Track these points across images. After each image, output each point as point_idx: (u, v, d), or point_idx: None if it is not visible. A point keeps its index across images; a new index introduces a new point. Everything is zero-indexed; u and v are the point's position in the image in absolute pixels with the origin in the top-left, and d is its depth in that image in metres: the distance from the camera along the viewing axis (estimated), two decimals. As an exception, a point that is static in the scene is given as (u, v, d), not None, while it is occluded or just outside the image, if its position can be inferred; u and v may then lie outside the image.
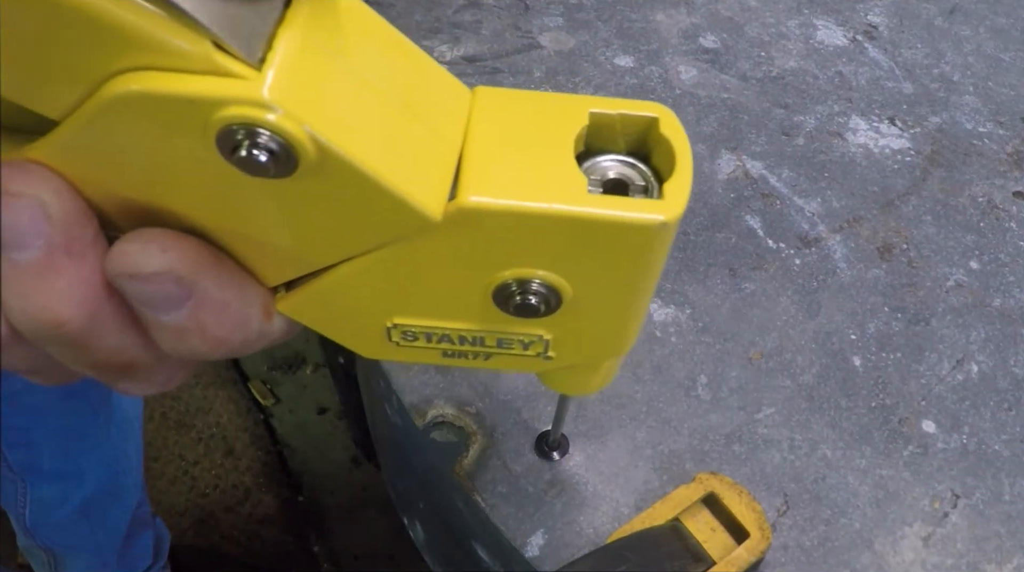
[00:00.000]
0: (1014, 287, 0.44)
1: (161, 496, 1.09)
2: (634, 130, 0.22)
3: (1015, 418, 0.39)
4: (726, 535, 0.32)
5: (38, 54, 0.17)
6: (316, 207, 0.20)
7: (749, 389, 0.39)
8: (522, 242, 0.21)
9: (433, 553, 0.54)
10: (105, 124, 0.18)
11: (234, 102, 0.17)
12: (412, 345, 0.24)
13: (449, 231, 0.20)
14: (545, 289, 0.22)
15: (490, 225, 0.20)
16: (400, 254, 0.21)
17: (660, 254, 0.22)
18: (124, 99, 0.17)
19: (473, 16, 0.57)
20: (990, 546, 0.35)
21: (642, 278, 0.22)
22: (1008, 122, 0.53)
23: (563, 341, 0.24)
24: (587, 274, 0.22)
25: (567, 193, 0.20)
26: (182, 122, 0.17)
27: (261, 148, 0.17)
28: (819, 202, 0.47)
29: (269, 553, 1.07)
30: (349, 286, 0.22)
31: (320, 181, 0.18)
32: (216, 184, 0.19)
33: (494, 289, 0.22)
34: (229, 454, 1.14)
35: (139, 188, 0.20)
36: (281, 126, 0.17)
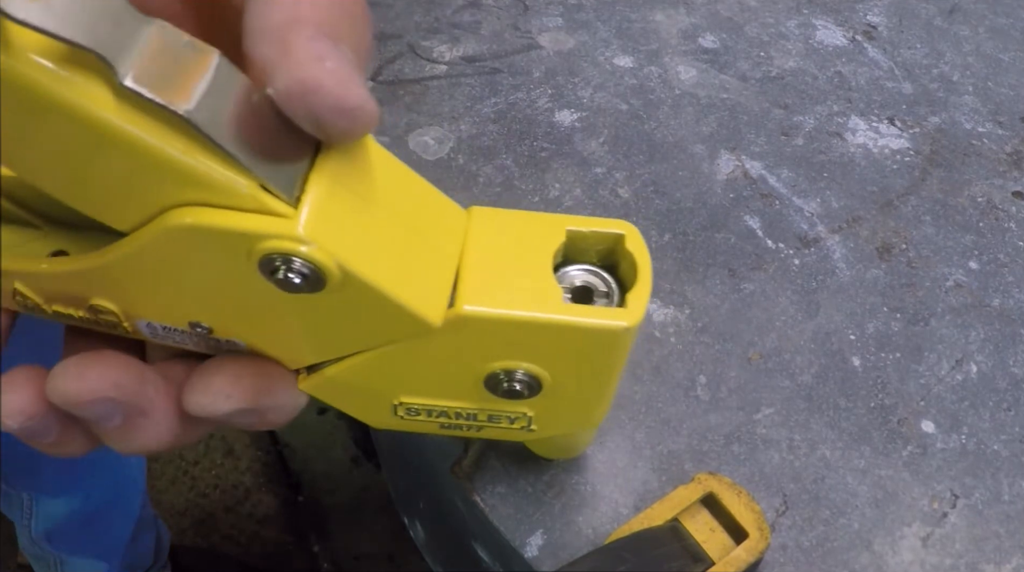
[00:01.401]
0: (1013, 287, 0.44)
1: (161, 496, 1.09)
2: (604, 244, 0.26)
3: (1014, 418, 0.39)
4: (725, 535, 0.32)
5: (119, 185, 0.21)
6: (337, 314, 0.23)
7: (748, 389, 0.39)
8: (508, 342, 0.25)
9: (433, 553, 0.54)
10: (161, 246, 0.22)
11: (275, 237, 0.20)
12: (415, 418, 0.28)
13: (447, 333, 0.24)
14: (528, 378, 0.26)
15: (482, 329, 0.24)
16: (406, 350, 0.25)
17: (623, 350, 0.26)
18: (181, 229, 0.21)
19: (472, 16, 0.57)
20: (989, 546, 0.35)
21: (608, 368, 0.27)
22: (1007, 122, 0.53)
23: (543, 417, 0.28)
24: (563, 366, 0.26)
25: (546, 303, 0.24)
26: (229, 249, 0.21)
27: (296, 272, 0.21)
28: (818, 202, 0.47)
29: (269, 553, 1.07)
30: (361, 372, 0.26)
31: (342, 296, 0.22)
32: (252, 297, 0.23)
33: (485, 377, 0.26)
34: (229, 454, 1.13)
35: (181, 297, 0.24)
36: (313, 256, 0.21)
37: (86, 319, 0.26)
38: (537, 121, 0.50)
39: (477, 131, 0.50)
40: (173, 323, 0.25)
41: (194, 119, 0.18)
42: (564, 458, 0.36)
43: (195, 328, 0.25)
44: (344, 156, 0.22)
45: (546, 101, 0.52)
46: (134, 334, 0.26)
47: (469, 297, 0.24)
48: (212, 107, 0.19)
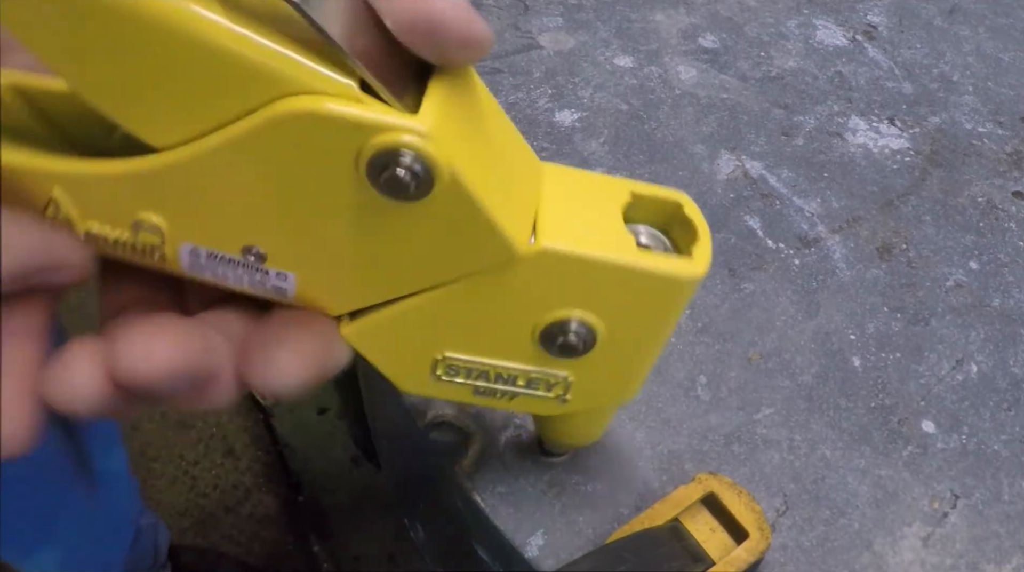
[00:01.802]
0: (1014, 287, 0.44)
1: (161, 496, 1.09)
2: (663, 209, 0.27)
3: (1014, 418, 0.39)
4: (725, 535, 0.32)
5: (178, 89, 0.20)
6: (427, 232, 0.23)
7: (748, 389, 0.39)
8: (578, 285, 0.25)
9: (433, 553, 0.54)
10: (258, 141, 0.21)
11: (397, 130, 0.20)
12: (451, 380, 0.28)
13: (524, 269, 0.24)
14: (584, 329, 0.26)
15: (559, 267, 0.24)
16: (476, 288, 0.25)
17: (682, 305, 0.26)
18: (294, 118, 0.20)
19: (473, 16, 0.57)
20: (989, 546, 0.35)
21: (663, 326, 0.27)
22: (1008, 122, 0.53)
23: (583, 384, 0.28)
24: (622, 317, 0.26)
25: (622, 248, 0.25)
26: (340, 144, 0.20)
27: (407, 170, 0.20)
28: (818, 202, 0.47)
29: (269, 553, 1.07)
30: (417, 316, 0.26)
31: (441, 207, 0.22)
32: (342, 206, 0.22)
33: (542, 329, 0.26)
34: (229, 454, 1.13)
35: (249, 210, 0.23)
36: (431, 154, 0.20)
37: (122, 243, 0.23)
38: (537, 121, 0.50)
39: (477, 131, 0.50)
40: (224, 248, 0.23)
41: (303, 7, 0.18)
42: (574, 446, 0.35)
43: (247, 254, 0.23)
44: (455, 77, 0.22)
45: (546, 101, 0.52)
46: (170, 264, 0.24)
47: (550, 235, 0.24)
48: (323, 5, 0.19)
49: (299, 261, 0.24)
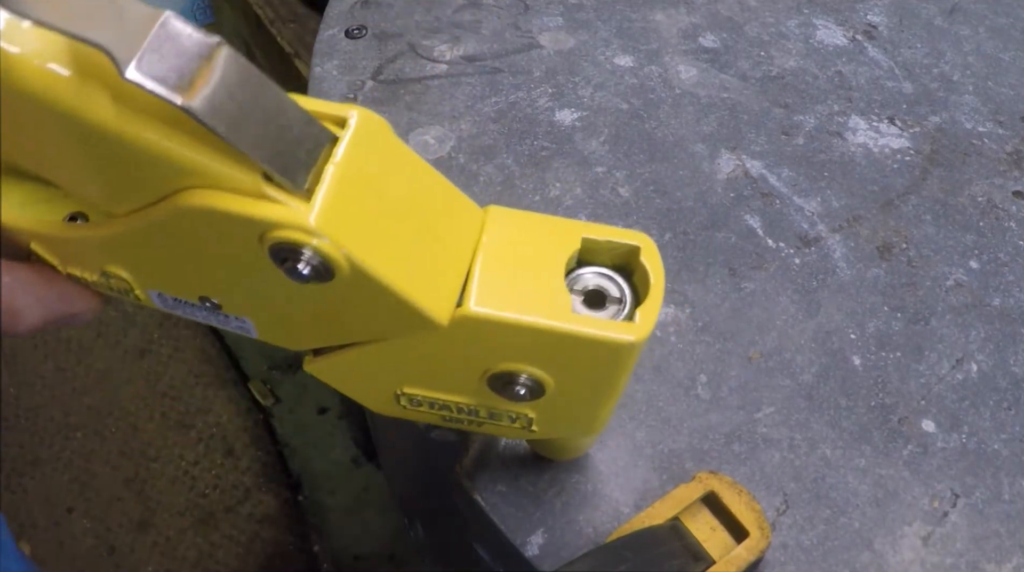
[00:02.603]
0: (1014, 287, 0.44)
1: (161, 496, 1.09)
2: (619, 253, 0.26)
3: (1015, 417, 0.39)
4: (726, 534, 0.32)
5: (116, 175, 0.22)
6: (345, 305, 0.24)
7: (749, 388, 0.39)
8: (513, 345, 0.25)
9: (433, 553, 0.54)
10: (173, 224, 0.22)
11: (286, 226, 0.20)
12: (417, 409, 0.29)
13: (453, 331, 0.24)
14: (531, 382, 0.26)
15: (487, 330, 0.24)
16: (412, 343, 0.25)
17: (628, 362, 0.26)
18: (192, 210, 0.21)
19: (473, 16, 0.57)
20: (990, 545, 0.35)
21: (612, 379, 0.26)
22: (1008, 122, 0.53)
23: (545, 420, 0.28)
24: (567, 373, 0.25)
25: (553, 310, 0.24)
26: (240, 234, 0.21)
27: (305, 263, 0.21)
28: (819, 202, 0.47)
29: (269, 553, 1.07)
30: (366, 361, 0.27)
31: (351, 288, 0.22)
32: (262, 280, 0.23)
33: (489, 377, 0.26)
34: (229, 454, 1.13)
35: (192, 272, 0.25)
36: (323, 249, 0.21)
37: (99, 283, 0.26)
38: (537, 120, 0.50)
39: (477, 130, 0.50)
40: (183, 296, 0.25)
41: (193, 110, 0.18)
42: (565, 459, 0.36)
43: (205, 302, 0.25)
44: (361, 149, 0.22)
45: (546, 100, 0.52)
46: (145, 303, 0.26)
47: (478, 298, 0.24)
48: (215, 98, 0.19)
49: (248, 311, 0.26)
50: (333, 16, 0.56)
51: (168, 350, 1.21)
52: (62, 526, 1.06)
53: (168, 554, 1.04)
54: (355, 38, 0.55)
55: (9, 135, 0.22)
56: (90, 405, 1.16)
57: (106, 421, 1.14)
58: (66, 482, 1.09)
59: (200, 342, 1.22)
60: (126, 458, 1.11)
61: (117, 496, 1.08)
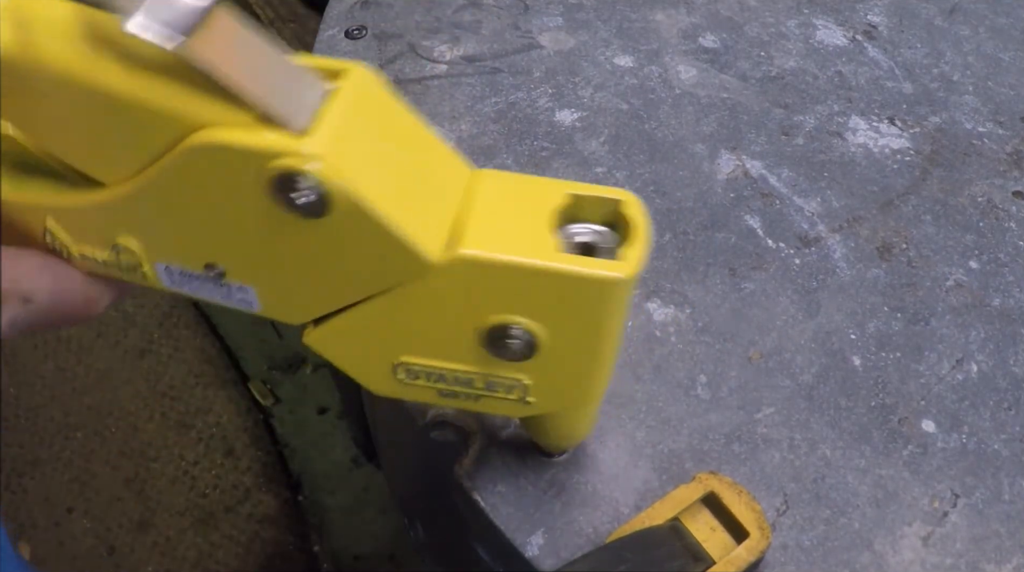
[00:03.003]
0: (1014, 287, 0.44)
1: (161, 496, 1.09)
2: (603, 208, 0.26)
3: (1015, 418, 0.39)
4: (726, 535, 0.32)
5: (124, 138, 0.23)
6: (342, 247, 0.24)
7: (749, 389, 0.39)
8: (504, 290, 0.25)
9: (433, 553, 0.54)
10: (182, 170, 0.23)
11: (285, 154, 0.21)
12: (414, 383, 0.29)
13: (445, 276, 0.25)
14: (525, 335, 0.26)
15: (478, 273, 0.25)
16: (408, 296, 0.26)
17: (619, 307, 0.26)
18: (199, 148, 0.22)
19: (473, 16, 0.57)
20: (990, 546, 0.35)
21: (605, 328, 0.27)
22: (1008, 122, 0.53)
23: (540, 387, 0.28)
24: (559, 322, 0.26)
25: (540, 251, 0.24)
26: (242, 170, 0.22)
27: (302, 193, 0.22)
28: (819, 202, 0.47)
29: (269, 553, 1.07)
30: (364, 324, 0.27)
31: (347, 224, 0.23)
32: (263, 227, 0.24)
33: (483, 333, 0.26)
34: (229, 454, 1.13)
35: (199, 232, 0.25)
36: (321, 178, 0.22)
37: (108, 263, 0.27)
38: (537, 121, 0.50)
39: (478, 131, 0.50)
40: (189, 265, 0.26)
41: (188, 54, 0.20)
42: (564, 447, 0.35)
43: (210, 270, 0.26)
44: (358, 95, 0.23)
45: (546, 101, 0.52)
46: (152, 282, 0.27)
47: (467, 241, 0.25)
48: (210, 45, 0.20)
49: (252, 275, 0.26)
50: (333, 16, 0.56)
51: (168, 350, 1.21)
52: (62, 526, 1.06)
53: (168, 554, 1.04)
54: (355, 38, 0.55)
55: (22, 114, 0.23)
56: (90, 405, 1.16)
57: (106, 421, 1.14)
58: (66, 482, 1.09)
59: (200, 342, 1.22)
60: (126, 458, 1.11)
61: (117, 496, 1.08)
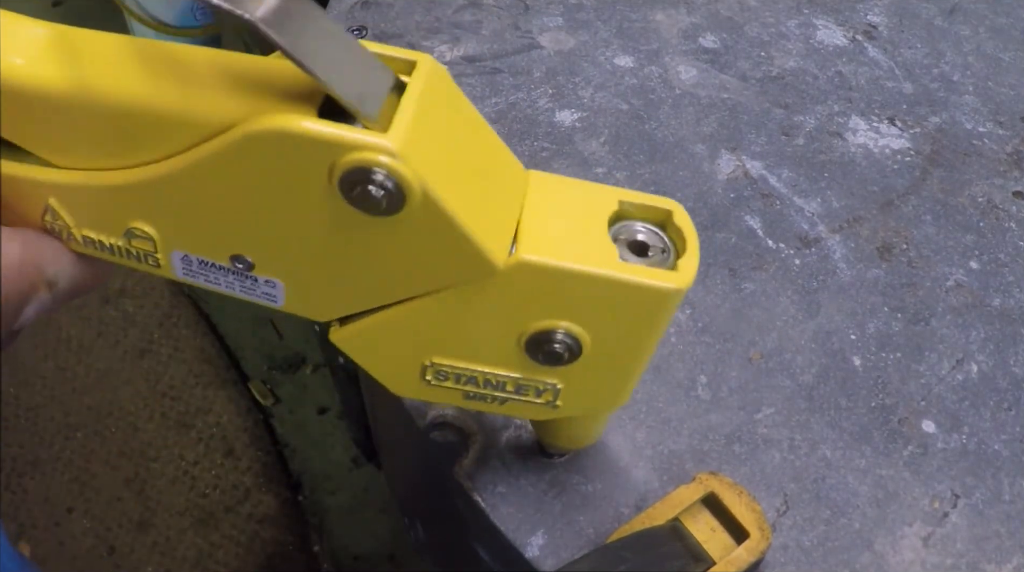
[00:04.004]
0: (1014, 287, 0.44)
1: (161, 496, 1.09)
2: (654, 217, 0.26)
3: (1015, 418, 0.39)
4: (726, 535, 0.32)
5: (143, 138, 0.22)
6: (404, 245, 0.23)
7: (749, 389, 0.39)
8: (560, 296, 0.25)
9: (433, 553, 0.54)
10: (236, 157, 0.21)
11: (366, 148, 0.20)
12: (441, 385, 0.28)
13: (504, 281, 0.24)
14: (570, 339, 0.26)
15: (538, 279, 0.24)
16: (458, 298, 0.25)
17: (667, 316, 0.26)
18: (267, 135, 0.21)
19: (473, 16, 0.57)
20: (990, 546, 0.35)
21: (649, 336, 0.27)
22: (1008, 122, 0.53)
23: (572, 391, 0.28)
24: (606, 328, 0.26)
25: (602, 259, 0.24)
26: (312, 161, 0.21)
27: (379, 187, 0.21)
28: (819, 202, 0.47)
29: (269, 553, 1.07)
30: (403, 324, 0.26)
31: (416, 222, 0.22)
32: (319, 218, 0.23)
33: (528, 337, 0.26)
34: (229, 454, 1.13)
35: (233, 222, 0.24)
36: (401, 173, 0.21)
37: (116, 248, 0.25)
38: (538, 121, 0.50)
39: (477, 131, 0.49)
40: (213, 256, 0.25)
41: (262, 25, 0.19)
42: (572, 448, 0.35)
43: (235, 262, 0.25)
44: (431, 90, 0.22)
45: (547, 101, 0.51)
46: (164, 270, 0.25)
47: (530, 247, 0.24)
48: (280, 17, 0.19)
49: (285, 269, 0.25)
50: (333, 16, 0.56)
51: (168, 350, 1.21)
52: (62, 526, 1.06)
53: (168, 554, 1.04)
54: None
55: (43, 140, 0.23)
56: (90, 405, 1.16)
57: (106, 421, 1.14)
58: (66, 482, 1.09)
59: (200, 342, 1.22)
60: (126, 458, 1.11)
61: (117, 496, 1.08)
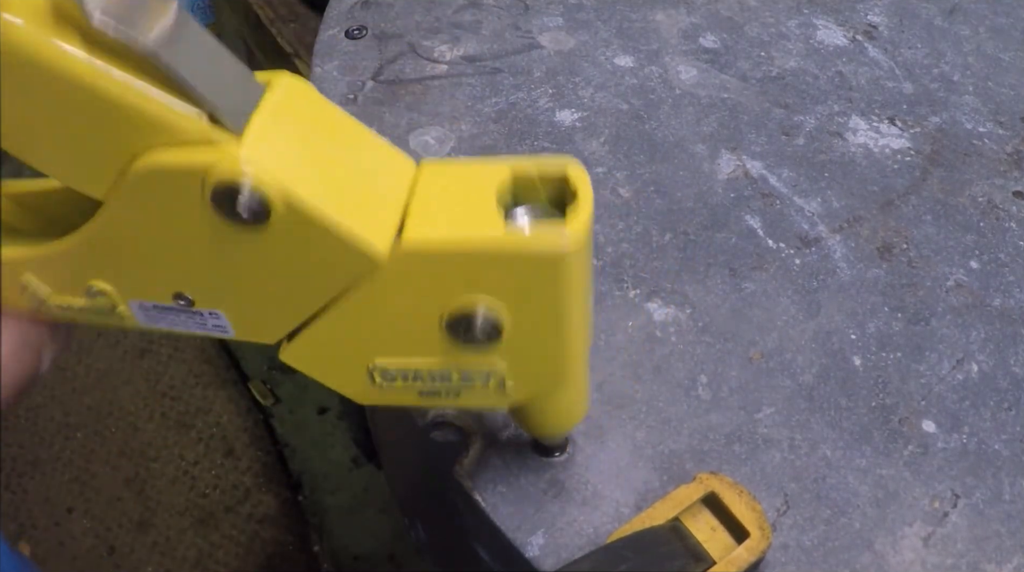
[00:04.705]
0: (1014, 287, 0.44)
1: (161, 496, 1.09)
2: (551, 179, 0.26)
3: (1015, 418, 0.39)
4: (726, 535, 0.32)
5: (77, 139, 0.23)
6: (292, 254, 0.24)
7: (749, 389, 0.39)
8: (455, 275, 0.25)
9: (433, 553, 0.54)
10: (133, 199, 0.23)
11: (219, 164, 0.22)
12: (392, 385, 0.29)
13: (397, 271, 0.25)
14: (488, 316, 0.26)
15: (427, 261, 0.25)
16: (364, 296, 0.26)
17: (575, 279, 0.25)
18: (144, 174, 0.22)
19: (473, 16, 0.57)
20: (990, 546, 0.35)
21: (565, 302, 0.26)
22: (1008, 122, 0.53)
23: (515, 372, 0.28)
24: (518, 300, 0.26)
25: (483, 229, 0.24)
26: (187, 190, 0.22)
27: (243, 204, 0.22)
28: (819, 202, 0.47)
29: (269, 553, 1.07)
30: (331, 332, 0.27)
31: (289, 228, 0.23)
32: (213, 243, 0.24)
33: (446, 321, 0.26)
34: (229, 454, 1.13)
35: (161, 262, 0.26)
36: (256, 184, 0.22)
37: (85, 309, 0.27)
38: (538, 121, 0.50)
39: (478, 131, 0.50)
40: (159, 298, 0.27)
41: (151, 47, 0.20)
42: (559, 435, 0.35)
43: (178, 300, 0.26)
44: (288, 99, 0.24)
45: (547, 101, 0.52)
46: (128, 322, 0.27)
47: (412, 231, 0.25)
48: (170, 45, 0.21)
49: (218, 299, 0.26)
50: (333, 16, 0.56)
51: (168, 350, 1.21)
52: (62, 526, 1.06)
53: (168, 554, 1.04)
54: (355, 38, 0.55)
55: None
56: (90, 405, 1.16)
57: (106, 421, 1.14)
58: (66, 482, 1.09)
59: (200, 342, 1.22)
60: (126, 458, 1.11)
61: (117, 496, 1.08)
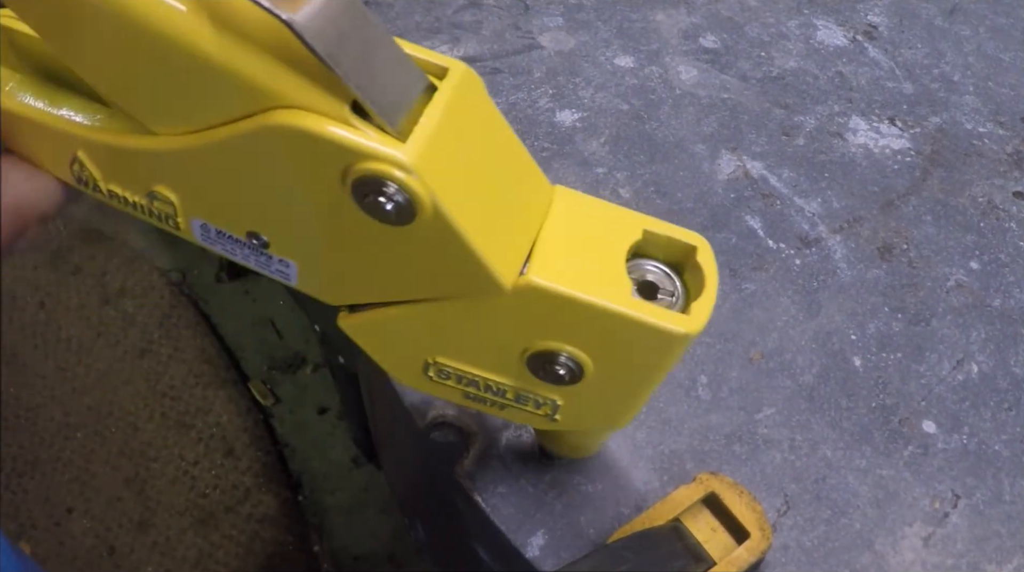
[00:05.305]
0: (1014, 287, 0.44)
1: (161, 496, 1.09)
2: (676, 250, 0.26)
3: (1015, 418, 0.39)
4: (726, 535, 0.32)
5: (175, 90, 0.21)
6: (413, 253, 0.23)
7: (749, 389, 0.39)
8: (567, 322, 0.24)
9: (433, 553, 0.54)
10: (254, 144, 0.21)
11: (380, 159, 0.20)
12: (443, 382, 0.28)
13: (512, 300, 0.24)
14: (572, 363, 0.25)
15: (546, 303, 0.24)
16: (465, 308, 0.25)
17: (675, 355, 0.26)
18: (284, 130, 0.20)
19: (473, 16, 0.57)
20: (990, 546, 0.35)
21: (654, 370, 0.26)
22: (1008, 122, 0.53)
23: (571, 409, 0.28)
24: (611, 359, 0.25)
25: (614, 293, 0.24)
26: (326, 162, 0.21)
27: (389, 199, 0.21)
28: (819, 202, 0.47)
29: (269, 553, 1.07)
30: (410, 322, 0.26)
31: (425, 236, 0.22)
32: (332, 213, 0.22)
33: (530, 354, 0.26)
34: (229, 454, 1.13)
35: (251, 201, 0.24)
36: (412, 187, 0.20)
37: (139, 206, 0.25)
38: (538, 121, 0.50)
39: (478, 131, 0.49)
40: (231, 229, 0.25)
41: (295, 25, 0.18)
42: (571, 456, 0.35)
43: (252, 238, 0.25)
44: (459, 101, 0.22)
45: (547, 101, 0.51)
46: (184, 233, 0.26)
47: (542, 270, 0.24)
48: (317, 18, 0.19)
49: (298, 253, 0.25)
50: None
51: (168, 350, 1.21)
52: (62, 526, 1.06)
53: (168, 554, 1.04)
54: (355, 38, 0.54)
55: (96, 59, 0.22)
56: (90, 405, 1.16)
57: (106, 421, 1.14)
58: (66, 482, 1.09)
59: (200, 342, 1.22)
60: (126, 458, 1.11)
61: (117, 496, 1.08)
